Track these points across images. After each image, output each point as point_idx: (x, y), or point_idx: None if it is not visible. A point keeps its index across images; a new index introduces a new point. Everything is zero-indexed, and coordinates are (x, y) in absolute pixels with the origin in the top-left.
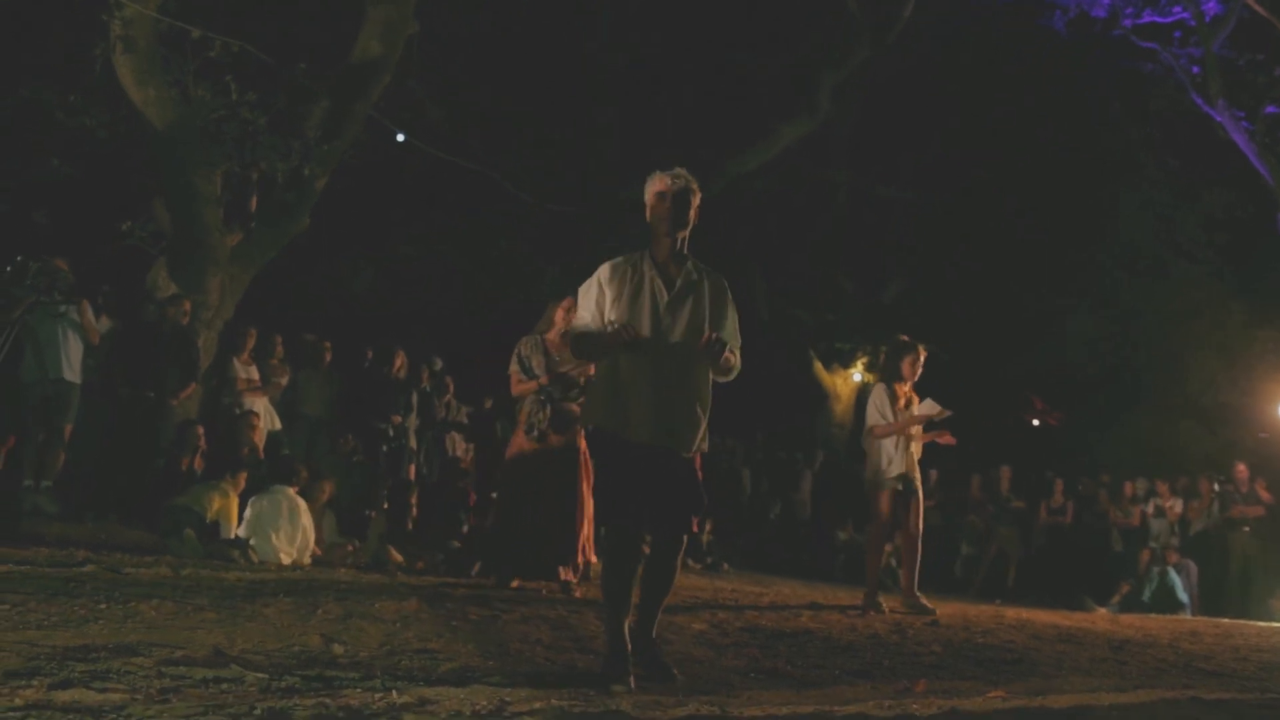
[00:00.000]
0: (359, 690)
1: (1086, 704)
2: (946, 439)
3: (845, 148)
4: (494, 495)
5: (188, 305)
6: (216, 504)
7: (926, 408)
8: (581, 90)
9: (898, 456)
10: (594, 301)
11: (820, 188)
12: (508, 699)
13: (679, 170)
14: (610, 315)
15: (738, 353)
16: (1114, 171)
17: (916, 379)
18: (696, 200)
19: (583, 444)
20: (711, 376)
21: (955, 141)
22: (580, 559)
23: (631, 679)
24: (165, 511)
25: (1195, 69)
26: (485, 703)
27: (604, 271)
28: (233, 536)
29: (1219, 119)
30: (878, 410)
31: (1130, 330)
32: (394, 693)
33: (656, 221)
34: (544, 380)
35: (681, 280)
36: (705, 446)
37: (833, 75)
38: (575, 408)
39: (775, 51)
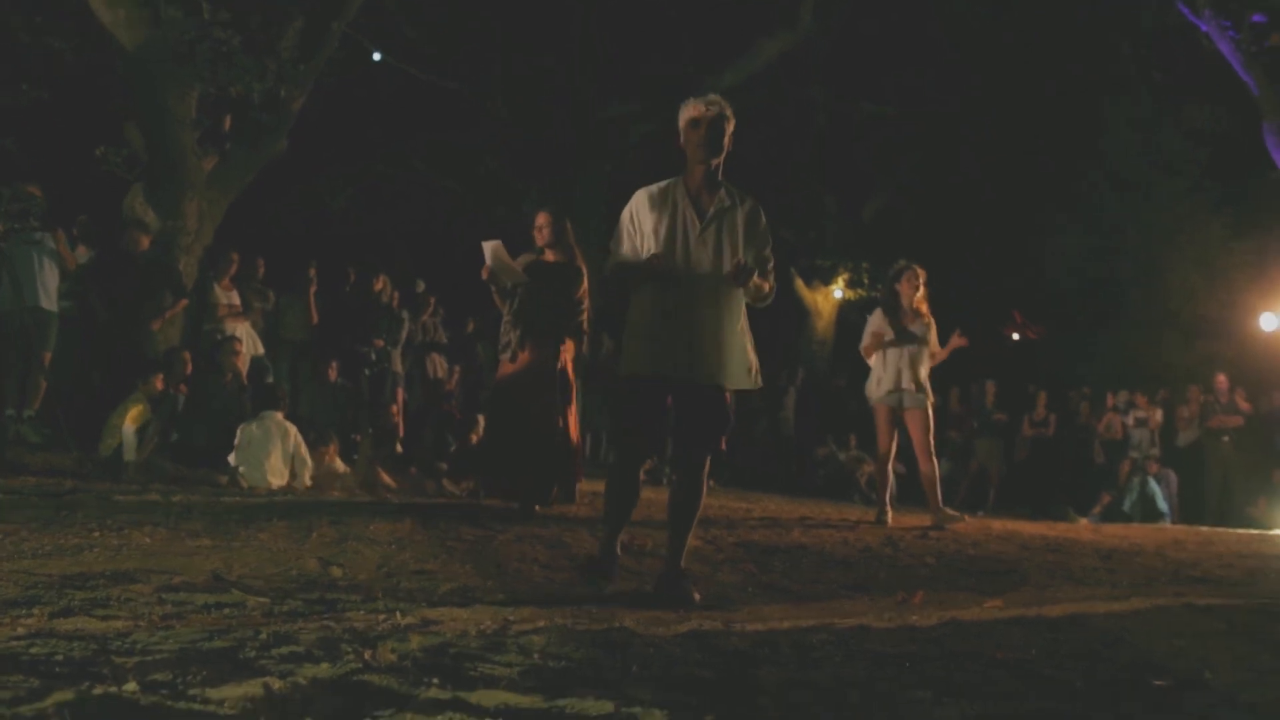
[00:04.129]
0: (362, 612)
1: (1083, 612)
2: (958, 341)
3: (827, 63)
4: (479, 417)
5: (139, 236)
6: (134, 411)
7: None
8: (560, 6)
9: (887, 375)
10: (630, 232)
11: (802, 104)
12: (511, 618)
13: (713, 96)
14: (646, 245)
15: (771, 277)
16: (1099, 87)
17: (919, 297)
18: (730, 126)
19: (565, 361)
20: (745, 303)
21: (938, 57)
22: (569, 479)
23: (614, 580)
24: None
25: None
26: (489, 622)
27: (638, 201)
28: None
29: (1205, 28)
30: (868, 331)
31: (1112, 245)
32: (398, 614)
33: (691, 149)
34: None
35: (714, 209)
36: (752, 383)
37: None
38: (555, 316)
39: None
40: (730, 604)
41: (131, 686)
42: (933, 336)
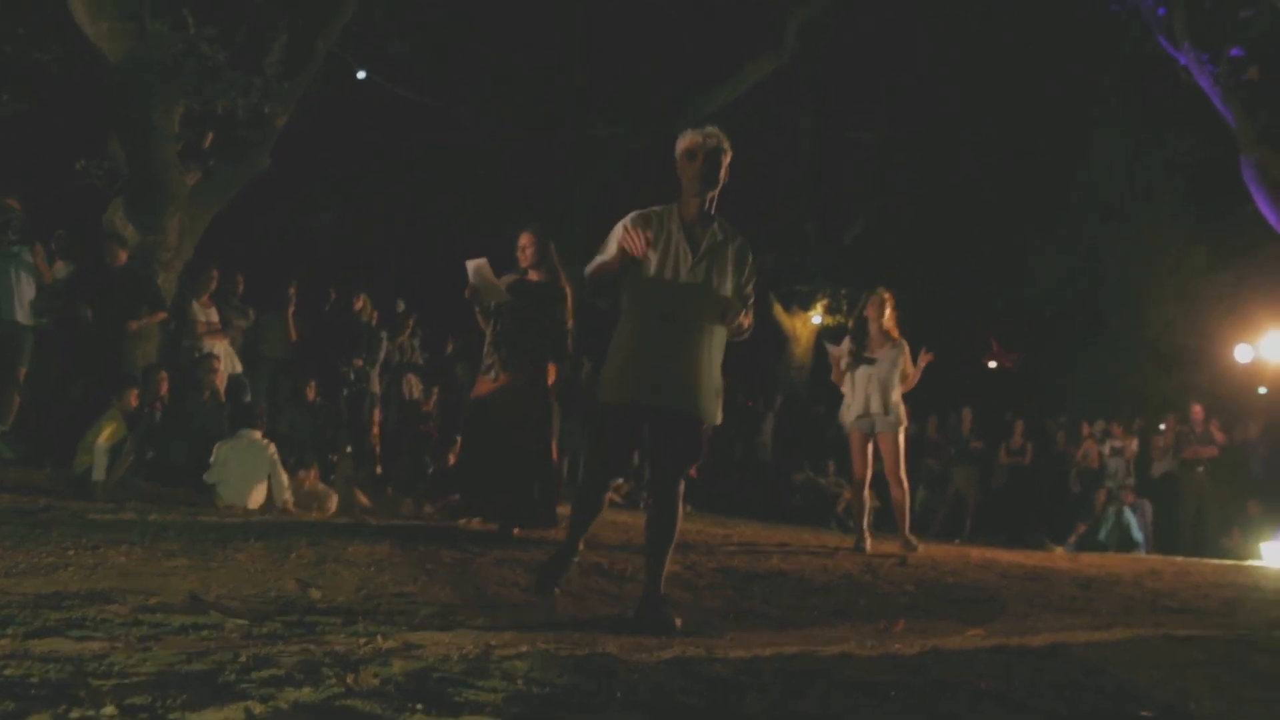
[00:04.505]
0: (343, 635)
1: (1064, 641)
2: (926, 358)
3: (810, 88)
4: (459, 438)
5: (119, 251)
6: (108, 429)
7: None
8: (547, 26)
9: (856, 399)
10: (616, 247)
11: (784, 129)
12: (493, 643)
13: (711, 128)
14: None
15: (750, 312)
16: (1081, 114)
17: (885, 321)
18: (727, 159)
19: (545, 383)
20: (723, 338)
21: (921, 83)
22: (548, 503)
23: (553, 597)
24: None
25: (1161, 11)
26: (471, 646)
27: (631, 221)
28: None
29: (1184, 61)
30: (831, 358)
31: (1091, 272)
32: (379, 638)
33: (687, 180)
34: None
35: (706, 243)
36: (719, 419)
37: (801, 12)
38: (540, 336)
39: None
40: (712, 630)
41: (110, 710)
42: (905, 358)
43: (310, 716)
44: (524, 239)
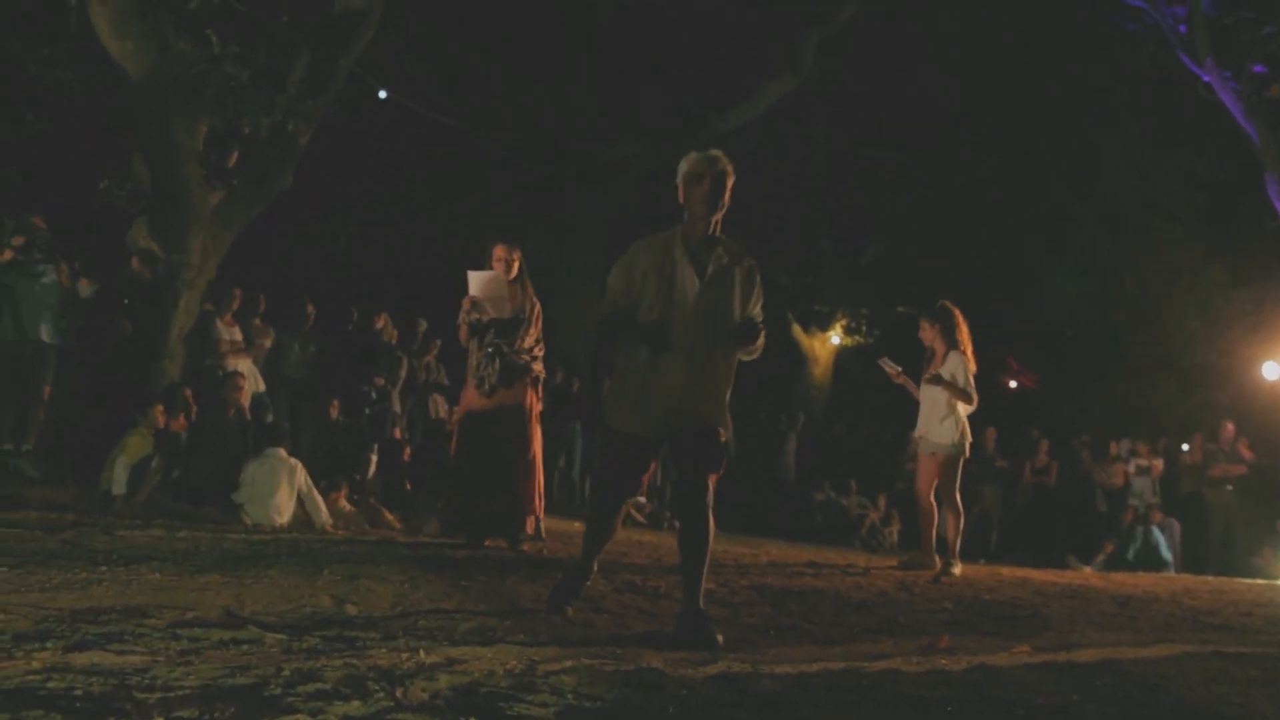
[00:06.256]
0: (384, 650)
1: (1113, 658)
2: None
3: (827, 107)
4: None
5: (143, 270)
6: (134, 443)
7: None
8: (564, 47)
9: (919, 421)
10: (626, 282)
11: (801, 148)
12: (535, 658)
13: (715, 152)
14: (645, 300)
15: (761, 335)
16: (1096, 131)
17: (931, 339)
18: (731, 181)
19: (532, 400)
20: (735, 360)
21: (937, 101)
22: (535, 515)
23: (569, 610)
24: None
25: (1182, 28)
26: (514, 662)
27: (636, 253)
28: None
29: (1206, 78)
30: None
31: (1109, 290)
32: (421, 652)
33: (691, 203)
34: (465, 316)
35: (713, 267)
36: (727, 434)
37: (818, 32)
38: (528, 360)
39: (760, 6)
40: (753, 646)
41: None
42: (958, 378)
43: None
44: (507, 251)
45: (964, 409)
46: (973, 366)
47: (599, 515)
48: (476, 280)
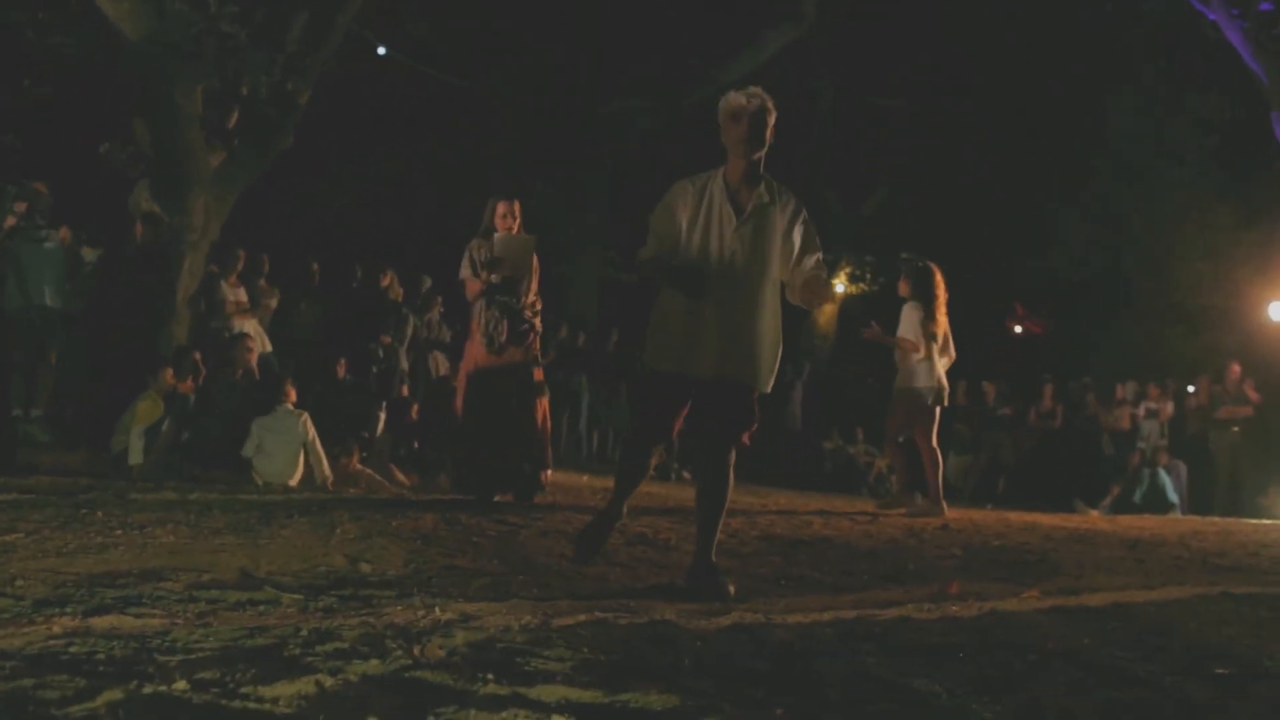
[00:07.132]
0: (399, 608)
1: (1124, 601)
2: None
3: (830, 56)
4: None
5: (146, 232)
6: (144, 406)
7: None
8: (563, 2)
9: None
10: (666, 225)
11: (804, 97)
12: (549, 613)
13: (754, 89)
14: (682, 240)
15: (826, 284)
16: (1105, 76)
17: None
18: (773, 119)
19: (537, 355)
20: (780, 306)
21: (943, 48)
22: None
23: (596, 564)
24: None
25: None
26: (529, 617)
27: (675, 194)
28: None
29: (1213, 17)
30: None
31: (1117, 235)
32: (436, 610)
33: (731, 143)
34: (486, 278)
35: (752, 205)
36: (768, 387)
37: None
38: (530, 316)
39: None
40: (764, 596)
41: (181, 685)
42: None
43: (383, 689)
44: (509, 206)
45: (920, 358)
46: (942, 323)
47: (631, 458)
48: (502, 242)
